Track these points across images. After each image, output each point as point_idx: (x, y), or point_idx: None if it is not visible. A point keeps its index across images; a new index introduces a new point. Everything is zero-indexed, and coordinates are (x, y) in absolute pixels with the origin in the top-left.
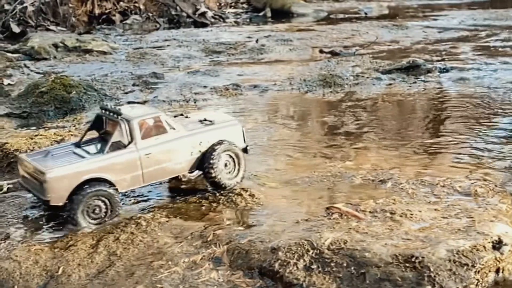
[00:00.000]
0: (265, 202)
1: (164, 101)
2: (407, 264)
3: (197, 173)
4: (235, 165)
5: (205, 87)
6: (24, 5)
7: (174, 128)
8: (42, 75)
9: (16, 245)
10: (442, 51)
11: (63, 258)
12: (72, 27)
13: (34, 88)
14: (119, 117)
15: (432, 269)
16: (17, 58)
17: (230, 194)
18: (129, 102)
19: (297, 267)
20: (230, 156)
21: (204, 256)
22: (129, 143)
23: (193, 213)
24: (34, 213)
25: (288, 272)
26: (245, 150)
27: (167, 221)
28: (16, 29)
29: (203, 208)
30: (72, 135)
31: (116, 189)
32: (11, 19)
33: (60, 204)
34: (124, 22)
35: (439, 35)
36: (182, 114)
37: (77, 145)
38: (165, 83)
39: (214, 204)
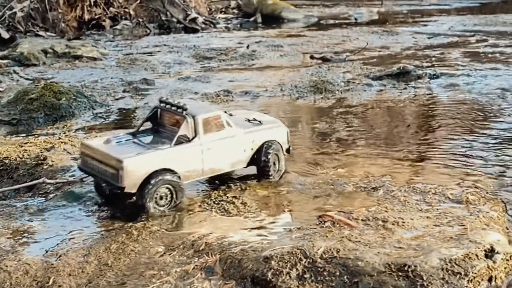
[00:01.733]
0: (257, 210)
1: None
2: (400, 273)
3: None
4: (278, 163)
5: (196, 93)
6: (13, 10)
7: (230, 126)
8: (31, 82)
9: (6, 255)
10: (432, 57)
11: (54, 268)
12: (62, 32)
13: (24, 94)
14: (184, 112)
15: (425, 278)
16: (6, 64)
17: (222, 202)
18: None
19: (290, 276)
20: (277, 156)
21: (196, 265)
22: (193, 137)
23: (185, 222)
24: (24, 223)
25: (281, 282)
26: (287, 151)
27: (159, 230)
28: (5, 34)
29: (195, 216)
30: (62, 142)
31: (179, 178)
32: (0, 25)
33: (133, 191)
34: (114, 27)
35: (429, 41)
36: (225, 112)
37: (133, 135)
38: (156, 89)
39: (206, 213)
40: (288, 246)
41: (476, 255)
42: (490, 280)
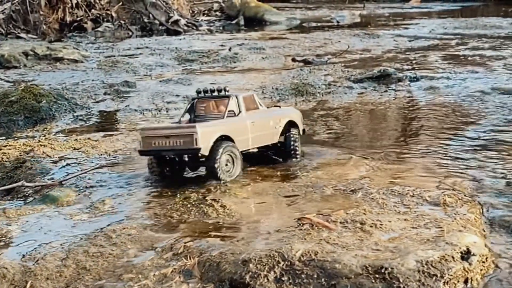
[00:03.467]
0: (236, 213)
1: (136, 110)
2: (377, 275)
3: None
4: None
5: (177, 95)
6: None
7: (262, 106)
8: (12, 84)
9: None
10: (413, 60)
11: (31, 272)
12: (43, 34)
13: (4, 97)
14: (227, 93)
15: (401, 280)
16: None
17: (202, 205)
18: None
19: (268, 279)
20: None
21: (174, 268)
22: (239, 112)
23: (163, 225)
24: (2, 227)
25: (259, 284)
26: (303, 132)
27: (137, 233)
28: None
29: (174, 219)
30: (41, 145)
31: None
32: None
33: (206, 154)
34: (96, 29)
35: (410, 43)
36: None
37: (179, 123)
38: (137, 92)
39: (185, 216)
40: (266, 249)
41: (452, 257)
42: (466, 282)
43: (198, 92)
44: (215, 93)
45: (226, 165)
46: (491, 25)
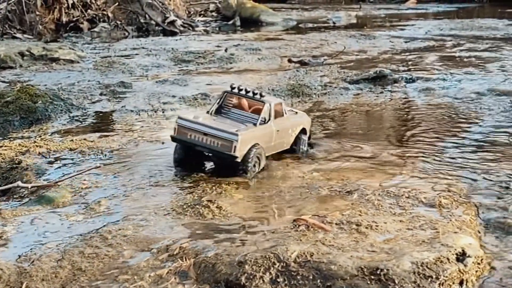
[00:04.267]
0: (232, 214)
1: (132, 110)
2: (372, 277)
3: None
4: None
5: (173, 96)
6: None
7: (286, 113)
8: (7, 84)
9: None
10: (408, 61)
11: (27, 273)
12: (39, 35)
13: None
14: (262, 99)
15: (396, 282)
16: None
17: (197, 206)
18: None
19: (263, 281)
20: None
21: (170, 270)
22: (268, 120)
23: (159, 226)
24: None
25: (254, 286)
26: (309, 137)
27: (133, 234)
28: None
29: (170, 221)
30: (37, 146)
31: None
32: None
33: (239, 160)
34: (92, 30)
35: (406, 45)
36: None
37: (210, 113)
38: (133, 93)
39: (181, 217)
40: (262, 250)
41: (448, 259)
42: (461, 283)
43: (232, 87)
44: (250, 94)
45: (254, 166)
46: (486, 27)
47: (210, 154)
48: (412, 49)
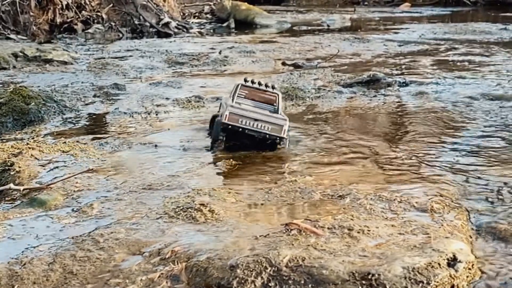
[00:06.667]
0: (224, 218)
1: (125, 113)
2: (364, 282)
3: None
4: None
5: (167, 98)
6: None
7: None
8: (1, 86)
9: None
10: (402, 65)
11: (18, 276)
12: (33, 36)
13: None
14: (274, 90)
15: (388, 287)
16: None
17: (190, 209)
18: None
19: (255, 285)
20: None
21: (162, 273)
22: (278, 109)
23: (151, 230)
24: None
25: None
26: None
27: (125, 238)
28: None
29: (162, 224)
30: (30, 148)
31: None
32: None
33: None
34: (86, 31)
35: (400, 48)
36: None
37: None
38: (127, 95)
39: (173, 220)
40: (254, 254)
41: (439, 264)
42: None
43: (245, 80)
44: (263, 87)
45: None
46: (480, 31)
47: (259, 137)
48: (405, 53)
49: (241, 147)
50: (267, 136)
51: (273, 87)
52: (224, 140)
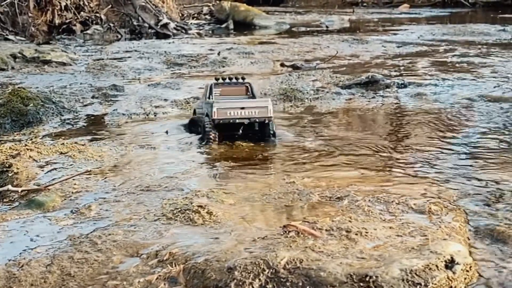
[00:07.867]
0: (222, 219)
1: (123, 114)
2: (361, 284)
3: None
4: None
5: (165, 100)
6: None
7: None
8: None
9: None
10: (401, 66)
11: (16, 278)
12: (32, 37)
13: None
14: (245, 81)
15: None
16: None
17: (188, 211)
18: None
19: (253, 287)
20: None
21: (159, 275)
22: (254, 96)
23: (149, 231)
24: None
25: None
26: None
27: (123, 239)
28: None
29: (160, 226)
30: (28, 149)
31: None
32: None
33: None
34: (84, 32)
35: (398, 49)
36: None
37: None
38: (125, 96)
39: (171, 222)
40: (251, 256)
41: (437, 266)
42: None
43: (216, 79)
44: (233, 81)
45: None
46: (479, 32)
47: (247, 122)
48: (404, 54)
49: (239, 140)
50: (257, 120)
51: (243, 78)
52: (217, 135)
